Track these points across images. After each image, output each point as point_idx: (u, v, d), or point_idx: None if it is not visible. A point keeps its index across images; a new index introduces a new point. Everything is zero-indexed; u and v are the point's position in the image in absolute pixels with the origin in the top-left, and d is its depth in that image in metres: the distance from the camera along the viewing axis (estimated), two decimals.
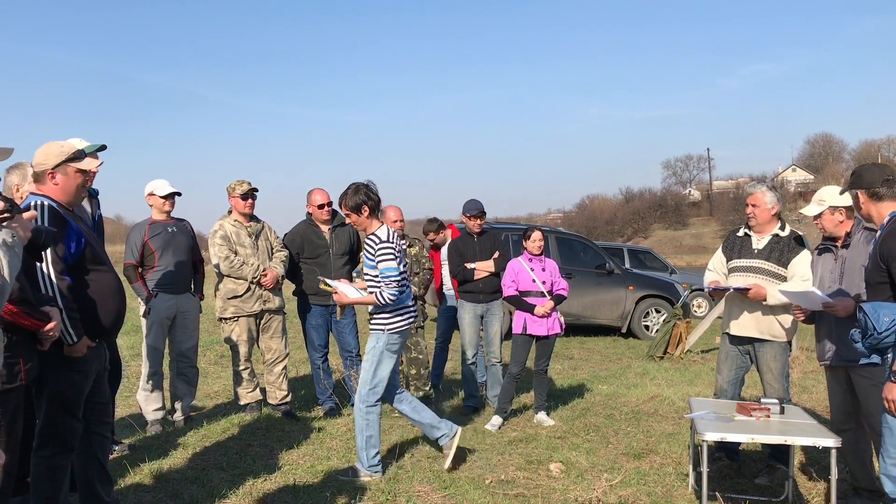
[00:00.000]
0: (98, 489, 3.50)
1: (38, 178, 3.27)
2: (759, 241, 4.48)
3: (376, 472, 4.35)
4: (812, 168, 72.26)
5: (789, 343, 4.53)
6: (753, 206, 4.46)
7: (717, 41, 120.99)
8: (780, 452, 4.32)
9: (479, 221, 6.17)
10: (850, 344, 3.24)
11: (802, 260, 4.33)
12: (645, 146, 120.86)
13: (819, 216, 4.00)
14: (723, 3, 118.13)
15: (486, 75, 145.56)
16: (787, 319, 4.37)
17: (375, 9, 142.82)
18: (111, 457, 4.61)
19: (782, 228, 4.45)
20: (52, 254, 3.06)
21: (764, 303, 4.32)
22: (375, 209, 4.44)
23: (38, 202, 3.16)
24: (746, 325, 4.47)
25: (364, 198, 4.37)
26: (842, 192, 3.80)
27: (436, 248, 6.78)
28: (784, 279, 4.36)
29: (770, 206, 4.43)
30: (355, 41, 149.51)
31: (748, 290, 4.31)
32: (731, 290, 4.44)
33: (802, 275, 4.28)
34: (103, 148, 4.44)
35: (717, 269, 4.69)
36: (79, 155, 3.30)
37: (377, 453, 4.40)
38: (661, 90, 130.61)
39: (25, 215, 2.57)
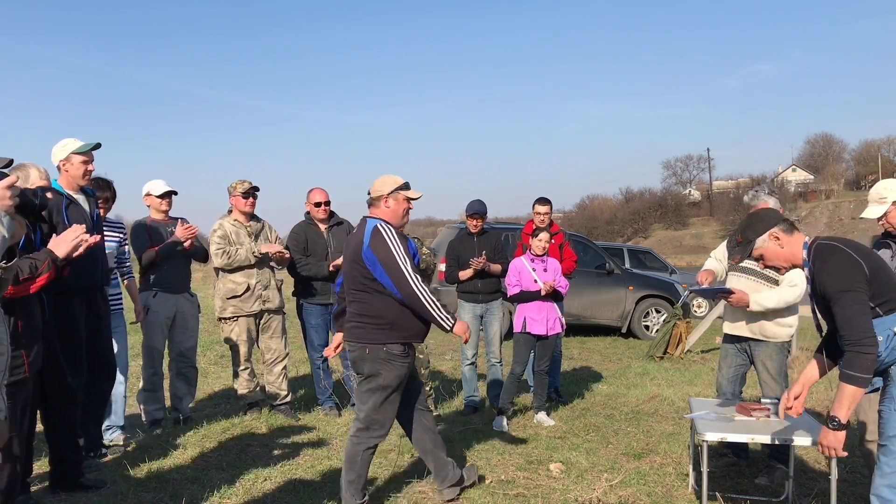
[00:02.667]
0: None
1: (374, 202, 3.87)
2: None
3: None
4: (812, 168, 72.29)
5: (788, 343, 4.53)
6: None
7: (717, 41, 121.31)
8: (780, 452, 4.31)
9: (476, 222, 6.18)
10: None
11: None
12: (645, 146, 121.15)
13: (884, 216, 3.84)
14: (723, 3, 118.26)
15: (487, 76, 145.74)
16: (781, 320, 4.36)
17: (377, 10, 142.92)
18: (107, 459, 4.62)
19: None
20: (410, 262, 3.69)
21: (748, 309, 4.31)
22: None
23: (376, 224, 3.76)
24: (740, 325, 4.48)
25: None
26: (739, 258, 3.20)
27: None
28: (775, 282, 4.34)
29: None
30: (356, 42, 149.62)
31: (731, 293, 4.30)
32: (717, 294, 4.44)
33: (790, 280, 4.24)
34: (98, 146, 4.44)
35: (719, 259, 4.69)
36: (407, 186, 3.91)
37: None
38: (661, 90, 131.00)
39: (5, 182, 2.43)
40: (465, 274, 6.09)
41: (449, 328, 3.72)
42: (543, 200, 6.42)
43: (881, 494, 2.89)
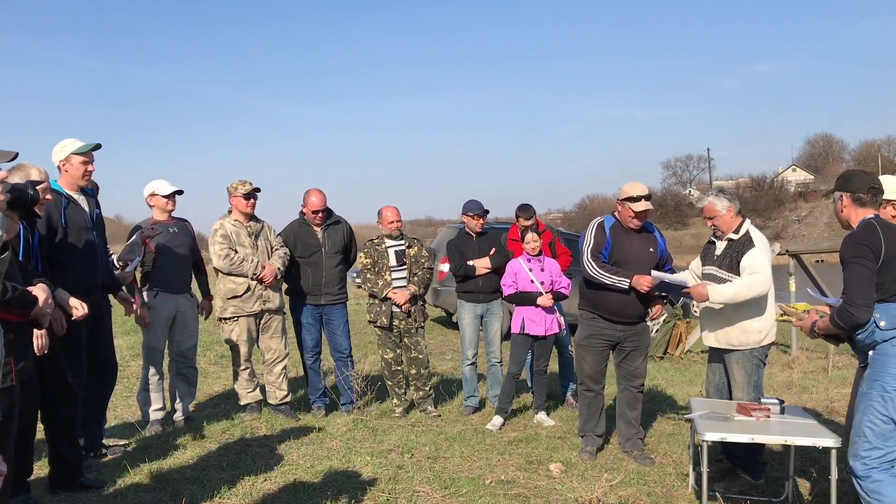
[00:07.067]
0: None
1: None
2: (719, 248, 4.43)
3: None
4: (812, 168, 72.24)
5: (760, 350, 4.31)
6: (711, 218, 4.37)
7: (717, 41, 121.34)
8: (750, 461, 4.28)
9: (480, 221, 6.18)
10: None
11: (751, 256, 4.21)
12: (645, 146, 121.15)
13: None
14: (723, 3, 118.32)
15: (486, 75, 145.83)
16: (746, 325, 4.25)
17: (377, 9, 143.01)
18: (107, 459, 4.62)
19: (737, 231, 4.34)
20: (594, 248, 4.81)
21: (709, 302, 4.28)
22: None
23: (598, 221, 4.93)
24: (708, 336, 4.45)
25: None
26: (827, 194, 3.71)
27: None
28: None
29: (725, 210, 4.33)
30: (356, 41, 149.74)
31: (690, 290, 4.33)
32: (676, 290, 4.50)
33: (749, 267, 4.19)
34: (98, 147, 4.45)
35: (693, 269, 4.71)
36: (634, 200, 4.78)
37: None
38: (661, 90, 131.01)
39: None
40: (481, 267, 6.03)
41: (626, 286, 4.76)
42: (525, 208, 6.20)
43: (859, 453, 3.15)
